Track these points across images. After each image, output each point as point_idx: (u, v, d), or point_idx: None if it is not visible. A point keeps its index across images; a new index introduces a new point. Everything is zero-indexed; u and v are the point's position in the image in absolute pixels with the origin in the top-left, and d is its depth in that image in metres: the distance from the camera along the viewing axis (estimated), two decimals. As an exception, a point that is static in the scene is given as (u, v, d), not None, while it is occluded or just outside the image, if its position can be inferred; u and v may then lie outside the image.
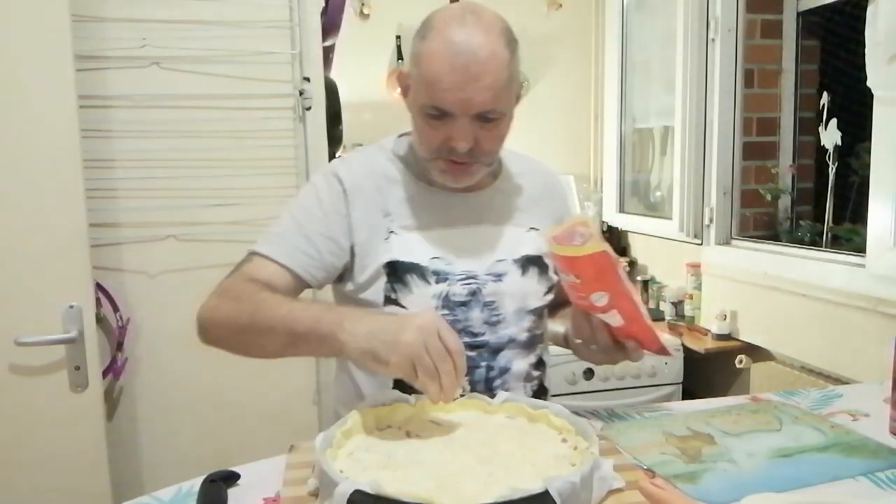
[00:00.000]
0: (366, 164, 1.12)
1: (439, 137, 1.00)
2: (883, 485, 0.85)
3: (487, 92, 0.96)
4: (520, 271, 1.11)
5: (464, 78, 0.94)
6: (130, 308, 1.61)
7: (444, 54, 0.95)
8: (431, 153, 1.03)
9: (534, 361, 1.13)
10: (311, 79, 1.67)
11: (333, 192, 1.08)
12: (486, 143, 1.01)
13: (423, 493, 0.71)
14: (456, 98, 0.96)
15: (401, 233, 1.07)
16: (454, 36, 0.95)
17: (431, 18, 1.00)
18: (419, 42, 0.99)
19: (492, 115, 0.98)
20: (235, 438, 1.66)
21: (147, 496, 0.84)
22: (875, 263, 1.80)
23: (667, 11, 2.62)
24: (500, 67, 0.97)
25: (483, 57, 0.95)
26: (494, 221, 1.13)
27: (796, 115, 2.44)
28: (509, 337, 1.09)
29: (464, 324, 1.06)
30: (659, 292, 2.77)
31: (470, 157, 1.01)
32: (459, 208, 1.11)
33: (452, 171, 1.03)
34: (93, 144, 1.51)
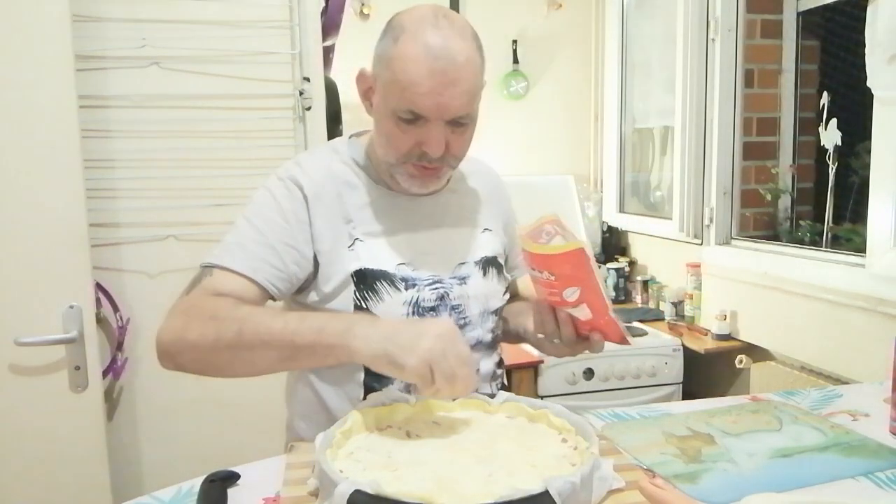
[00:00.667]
0: (323, 168, 1.08)
1: (409, 142, 0.98)
2: (883, 485, 0.85)
3: (464, 97, 0.95)
4: (481, 273, 1.11)
5: (442, 82, 0.93)
6: (130, 308, 1.61)
7: (421, 58, 0.93)
8: (400, 158, 1.01)
9: (497, 360, 1.15)
10: (311, 79, 1.67)
11: (294, 199, 1.04)
12: (456, 148, 1.01)
13: (422, 493, 0.71)
14: (433, 102, 0.94)
15: (365, 239, 1.05)
16: (430, 40, 0.93)
17: (401, 20, 0.98)
18: (390, 44, 0.97)
19: (464, 120, 0.98)
20: (235, 438, 1.66)
21: (147, 496, 0.84)
22: (875, 263, 1.80)
23: (667, 11, 2.62)
24: (475, 73, 0.97)
25: (461, 62, 0.94)
26: (452, 224, 1.12)
27: (796, 115, 2.44)
28: (476, 339, 1.09)
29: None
30: (659, 292, 2.77)
31: (440, 162, 1.00)
32: (419, 212, 1.10)
33: (421, 175, 1.02)
34: (93, 144, 1.51)
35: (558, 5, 3.04)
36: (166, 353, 0.95)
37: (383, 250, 1.05)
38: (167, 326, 0.95)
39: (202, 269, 1.01)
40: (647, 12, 2.88)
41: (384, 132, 1.01)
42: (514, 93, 2.98)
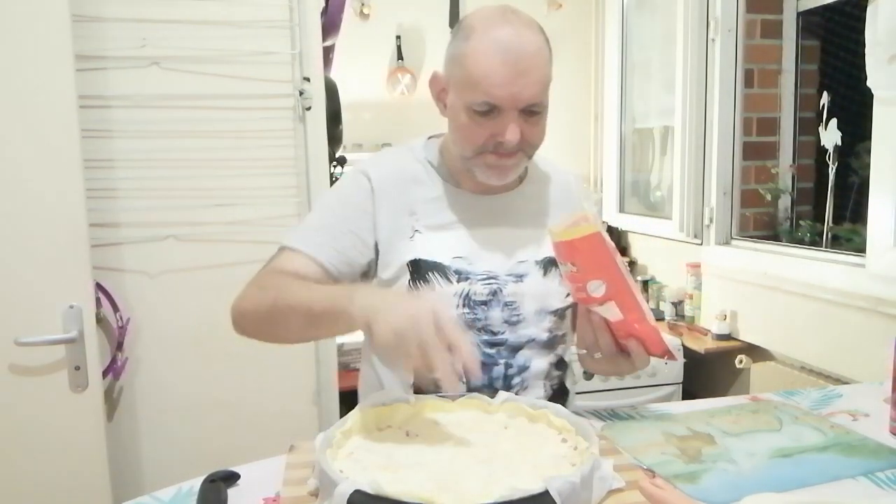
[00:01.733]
0: (394, 164, 1.15)
1: (485, 134, 1.02)
2: (883, 485, 0.85)
3: (536, 86, 0.99)
4: (541, 272, 1.12)
5: (514, 72, 0.97)
6: (130, 308, 1.61)
7: (494, 51, 0.98)
8: (477, 150, 1.04)
9: (554, 361, 1.14)
10: (311, 79, 1.67)
11: (361, 189, 1.11)
12: (531, 136, 1.04)
13: (423, 493, 0.71)
14: (507, 92, 0.98)
15: (425, 232, 1.09)
16: (501, 34, 0.98)
17: (470, 21, 1.03)
18: (462, 43, 1.02)
19: (537, 109, 1.02)
20: (235, 438, 1.66)
21: (147, 496, 0.83)
22: (875, 263, 1.80)
23: (667, 11, 2.62)
24: (545, 62, 1.01)
25: (531, 52, 0.99)
26: (516, 224, 1.14)
27: (796, 115, 2.44)
28: (529, 337, 1.10)
29: (483, 322, 1.08)
30: (659, 292, 2.77)
31: (516, 149, 1.03)
32: (483, 210, 1.13)
33: (499, 165, 1.05)
34: (93, 144, 1.51)
35: (558, 5, 3.04)
36: (233, 320, 1.06)
37: (441, 243, 1.09)
38: (237, 296, 1.06)
39: (277, 251, 1.10)
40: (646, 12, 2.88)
41: (460, 127, 1.05)
42: (514, 93, 2.98)
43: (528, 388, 1.09)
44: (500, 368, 1.08)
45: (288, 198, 1.68)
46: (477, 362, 0.87)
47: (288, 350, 1.68)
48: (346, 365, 2.17)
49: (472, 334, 1.08)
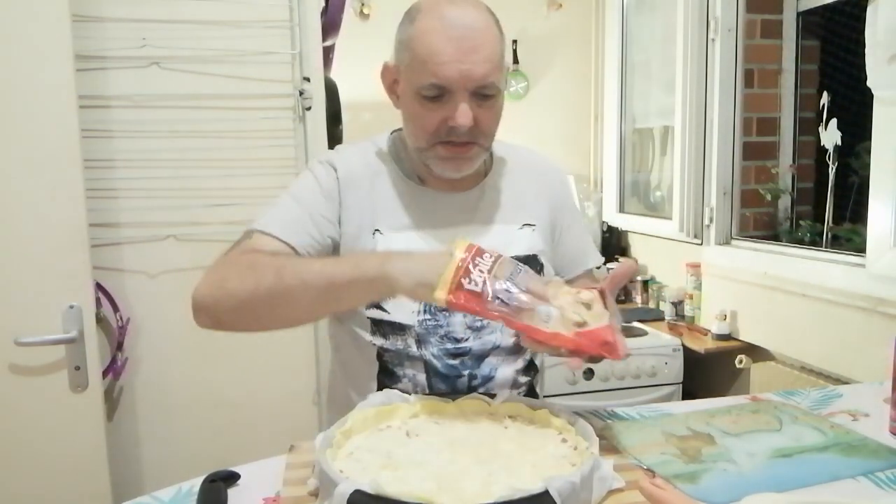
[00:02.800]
0: (359, 156, 1.11)
1: (437, 120, 0.98)
2: (883, 485, 0.85)
3: (486, 64, 0.96)
4: None
5: (462, 49, 0.94)
6: (130, 308, 1.61)
7: (440, 29, 0.95)
8: (429, 139, 1.00)
9: (521, 367, 1.11)
10: (311, 79, 1.67)
11: (330, 178, 1.07)
12: (484, 122, 1.00)
13: (423, 493, 0.71)
14: (455, 70, 0.94)
15: (386, 232, 1.05)
16: (447, 12, 0.96)
17: (418, 4, 1.01)
18: (407, 26, 0.99)
19: (489, 91, 0.98)
20: (235, 438, 1.66)
21: (147, 496, 0.83)
22: (875, 263, 1.80)
23: (667, 11, 2.62)
24: (494, 41, 0.98)
25: (479, 29, 0.96)
26: (483, 221, 1.10)
27: (796, 115, 2.44)
28: (493, 343, 1.07)
29: (446, 329, 1.04)
30: (659, 292, 2.77)
31: (469, 137, 0.99)
32: (447, 209, 1.09)
33: (452, 156, 1.01)
34: (93, 144, 1.51)
35: (558, 5, 3.04)
36: (203, 308, 0.96)
37: (402, 244, 1.04)
38: (204, 282, 0.97)
39: (244, 233, 1.04)
40: (647, 12, 2.88)
41: (412, 117, 1.02)
42: (514, 93, 2.98)
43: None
44: (463, 380, 1.05)
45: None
46: None
47: (288, 350, 1.69)
48: (346, 365, 2.17)
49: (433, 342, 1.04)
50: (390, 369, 1.06)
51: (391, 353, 1.05)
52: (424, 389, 1.05)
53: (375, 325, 1.05)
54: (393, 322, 1.04)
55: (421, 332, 1.04)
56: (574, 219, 1.22)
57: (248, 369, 1.68)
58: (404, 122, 1.06)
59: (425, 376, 1.05)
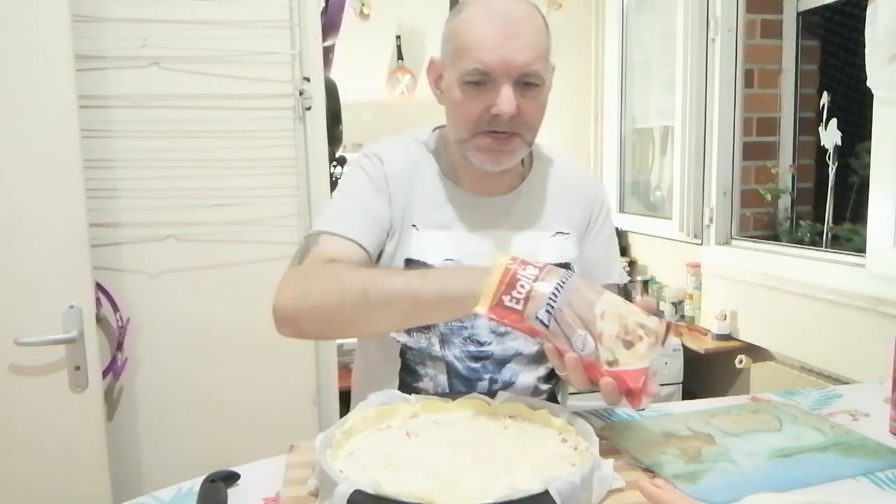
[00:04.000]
0: (401, 150, 1.11)
1: (479, 108, 0.98)
2: (883, 485, 0.85)
3: (528, 51, 0.96)
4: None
5: (504, 35, 0.95)
6: (130, 308, 1.61)
7: (482, 17, 0.96)
8: (471, 128, 1.00)
9: (542, 375, 1.11)
10: (311, 79, 1.67)
11: (378, 171, 1.08)
12: (527, 113, 0.99)
13: (423, 493, 0.70)
14: (498, 56, 0.95)
15: (422, 229, 1.06)
16: (492, 2, 0.97)
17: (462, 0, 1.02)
18: (453, 19, 1.01)
19: (532, 80, 0.97)
20: (235, 438, 1.66)
21: (147, 496, 0.83)
22: (875, 263, 1.80)
23: (667, 11, 2.62)
24: (538, 29, 0.98)
25: (521, 17, 0.96)
26: (514, 226, 1.09)
27: (796, 115, 2.44)
28: (516, 350, 1.07)
29: (470, 332, 1.05)
30: (659, 292, 2.77)
31: (511, 127, 0.99)
32: (480, 212, 1.08)
33: (493, 147, 1.00)
34: (93, 144, 1.51)
35: (558, 5, 3.04)
36: (286, 319, 0.96)
37: (434, 243, 1.05)
38: (287, 293, 0.96)
39: (307, 239, 1.04)
40: (646, 12, 2.88)
41: (455, 105, 1.02)
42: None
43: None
44: (484, 384, 1.05)
45: (288, 198, 1.67)
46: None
47: (288, 350, 1.69)
48: (346, 365, 2.17)
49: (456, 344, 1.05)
50: (412, 367, 1.06)
51: (414, 350, 1.06)
52: (445, 389, 1.05)
53: None
54: None
55: (445, 332, 1.05)
56: (604, 230, 1.19)
57: (248, 369, 1.68)
58: (447, 115, 1.06)
59: (446, 377, 1.06)
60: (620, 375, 0.82)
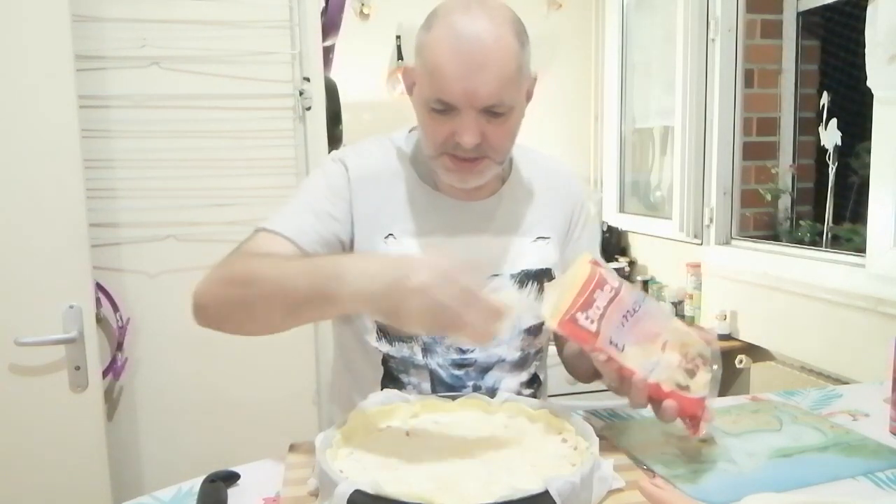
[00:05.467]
0: (374, 156, 1.08)
1: (444, 132, 0.95)
2: (883, 485, 0.85)
3: (493, 83, 0.90)
4: (516, 287, 1.05)
5: (468, 67, 0.89)
6: (130, 308, 1.61)
7: (448, 42, 0.90)
8: (436, 149, 0.97)
9: (525, 380, 1.10)
10: (311, 79, 1.67)
11: (340, 176, 1.04)
12: (494, 139, 0.95)
13: (423, 493, 0.71)
14: (460, 88, 0.90)
15: (399, 237, 1.03)
16: (458, 24, 0.90)
17: (437, 9, 0.96)
18: (424, 33, 0.95)
19: (499, 109, 0.93)
20: (235, 438, 1.66)
21: (147, 496, 0.84)
22: (875, 263, 1.80)
23: (667, 11, 2.62)
24: (507, 57, 0.91)
25: (488, 44, 0.89)
26: (496, 231, 1.07)
27: (796, 115, 2.44)
28: (499, 356, 1.06)
29: (452, 339, 1.03)
30: (659, 292, 2.77)
31: (477, 153, 0.96)
32: (461, 217, 1.06)
33: (459, 168, 0.97)
34: (93, 144, 1.51)
35: (558, 5, 3.04)
36: (197, 307, 0.95)
37: (412, 252, 1.02)
38: (202, 281, 0.95)
39: (251, 233, 1.02)
40: (646, 12, 2.88)
41: (421, 124, 0.99)
42: (514, 93, 2.98)
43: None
44: (467, 390, 1.03)
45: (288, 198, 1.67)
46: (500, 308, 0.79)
47: (288, 350, 1.69)
48: (346, 365, 2.17)
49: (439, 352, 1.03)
50: (395, 375, 1.05)
51: (396, 360, 1.04)
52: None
53: (381, 331, 1.04)
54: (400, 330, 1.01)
55: (427, 340, 1.03)
56: (584, 232, 1.17)
57: (248, 369, 1.68)
58: (418, 126, 1.03)
59: (430, 385, 1.04)
60: (689, 402, 0.86)
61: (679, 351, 0.88)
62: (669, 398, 0.86)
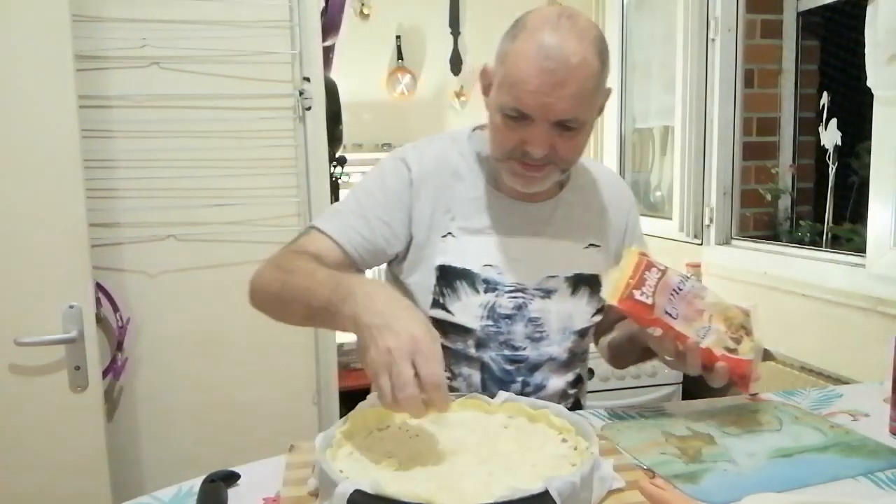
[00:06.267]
0: (437, 156, 1.10)
1: (514, 139, 0.98)
2: (883, 485, 0.85)
3: (571, 100, 0.93)
4: (570, 290, 1.09)
5: (549, 83, 0.92)
6: (130, 308, 1.61)
7: (533, 56, 0.92)
8: (504, 154, 1.01)
9: (571, 380, 1.13)
10: (311, 79, 1.67)
11: (400, 178, 1.07)
12: (563, 151, 0.99)
13: (423, 493, 0.71)
14: (538, 102, 0.93)
15: (459, 235, 1.06)
16: (546, 39, 0.92)
17: (524, 19, 0.98)
18: (509, 41, 0.97)
19: (572, 124, 0.96)
20: (235, 438, 1.66)
21: (147, 496, 0.84)
22: (875, 263, 1.80)
23: (667, 11, 2.62)
24: (587, 76, 0.94)
25: (573, 64, 0.92)
26: (553, 235, 1.10)
27: (796, 115, 2.44)
28: (549, 355, 1.09)
29: (506, 336, 1.06)
30: (659, 292, 2.76)
31: (545, 161, 0.99)
32: (520, 217, 1.09)
33: (524, 174, 1.01)
34: (93, 144, 1.51)
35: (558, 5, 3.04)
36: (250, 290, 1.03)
37: (473, 248, 1.05)
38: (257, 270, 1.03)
39: (305, 228, 1.09)
40: (646, 12, 2.88)
41: (492, 128, 1.02)
42: (514, 93, 2.98)
43: None
44: (516, 386, 1.07)
45: (288, 198, 1.68)
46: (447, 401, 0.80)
47: (288, 350, 1.69)
48: (346, 365, 2.17)
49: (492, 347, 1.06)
50: (447, 367, 1.06)
51: (450, 350, 1.06)
52: (478, 389, 1.06)
53: (437, 324, 1.03)
54: (456, 324, 1.06)
55: (482, 336, 1.06)
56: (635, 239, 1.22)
57: (248, 369, 1.68)
58: (488, 127, 1.05)
59: (480, 377, 1.07)
60: (739, 363, 0.97)
61: (724, 323, 0.99)
62: (721, 360, 0.96)
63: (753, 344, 0.98)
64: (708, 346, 0.97)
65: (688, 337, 0.96)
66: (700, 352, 0.96)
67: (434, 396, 0.77)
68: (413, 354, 0.77)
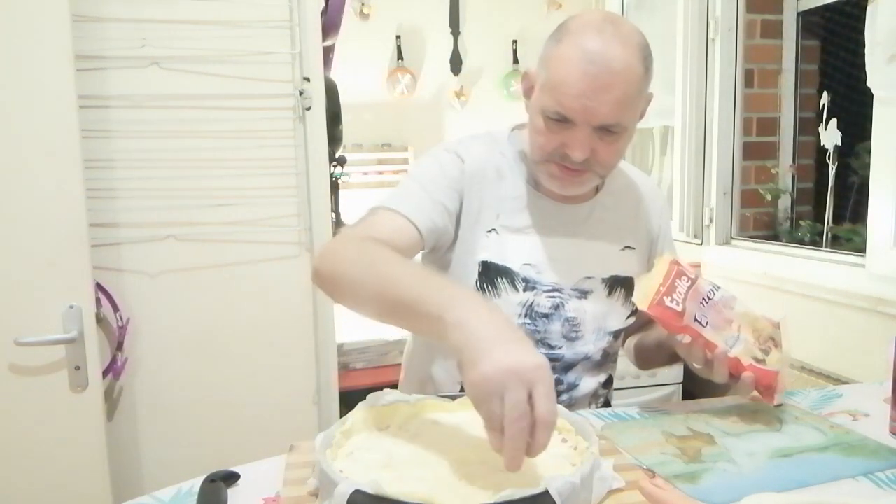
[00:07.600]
0: (483, 153, 1.11)
1: (555, 142, 0.99)
2: (883, 485, 0.85)
3: (614, 105, 0.94)
4: (606, 291, 1.10)
5: (592, 87, 0.93)
6: (130, 308, 1.61)
7: (577, 60, 0.93)
8: (544, 156, 1.01)
9: (603, 380, 1.15)
10: (311, 79, 1.67)
11: (457, 168, 1.07)
12: (603, 156, 0.99)
13: (423, 493, 0.70)
14: (581, 105, 0.94)
15: (501, 232, 1.07)
16: (590, 44, 0.93)
17: (568, 23, 0.99)
18: (553, 45, 0.98)
19: (613, 129, 0.97)
20: (235, 438, 1.66)
21: (147, 496, 0.83)
22: (875, 263, 1.80)
23: (667, 11, 2.62)
24: (630, 81, 0.95)
25: (616, 69, 0.93)
26: (589, 236, 1.12)
27: (796, 115, 2.44)
28: (584, 354, 1.10)
29: (543, 335, 1.07)
30: (659, 292, 2.77)
31: (584, 166, 1.00)
32: (558, 218, 1.10)
33: (562, 177, 1.02)
34: (93, 144, 1.51)
35: (558, 5, 3.04)
36: (314, 271, 0.98)
37: (514, 246, 1.06)
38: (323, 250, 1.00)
39: (368, 211, 1.04)
40: (646, 12, 2.88)
41: (533, 129, 1.02)
42: (515, 93, 2.97)
43: (574, 407, 1.08)
44: None
45: (288, 198, 1.68)
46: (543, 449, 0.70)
47: (288, 350, 1.69)
48: (346, 365, 2.18)
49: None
50: None
51: None
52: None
53: None
54: None
55: None
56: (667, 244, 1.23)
57: (248, 369, 1.68)
58: (528, 129, 1.05)
59: None
60: (765, 373, 0.99)
61: (752, 333, 1.02)
62: (748, 370, 0.98)
63: (781, 356, 1.01)
64: (736, 355, 0.98)
65: (716, 345, 0.98)
66: (728, 361, 0.97)
67: (542, 439, 0.68)
68: (532, 385, 0.68)
